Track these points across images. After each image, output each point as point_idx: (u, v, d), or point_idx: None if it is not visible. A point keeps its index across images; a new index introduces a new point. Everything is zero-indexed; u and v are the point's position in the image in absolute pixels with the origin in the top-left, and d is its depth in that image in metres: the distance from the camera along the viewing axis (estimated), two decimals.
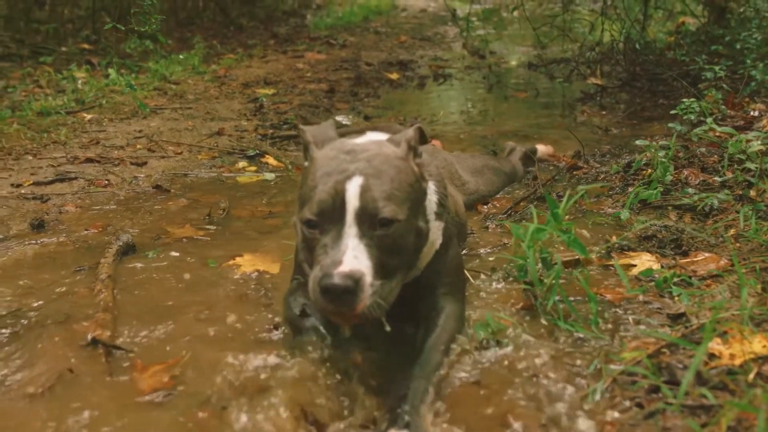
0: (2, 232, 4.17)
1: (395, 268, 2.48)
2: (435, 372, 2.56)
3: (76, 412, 2.38)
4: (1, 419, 2.38)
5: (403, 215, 2.46)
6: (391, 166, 2.54)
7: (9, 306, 3.22)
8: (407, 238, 2.52)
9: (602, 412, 2.30)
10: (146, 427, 2.31)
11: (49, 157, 5.67)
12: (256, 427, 2.22)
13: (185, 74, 9.17)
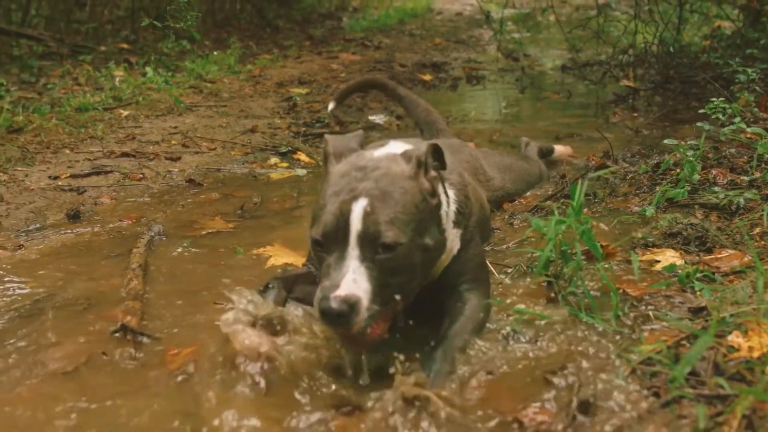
0: (39, 222, 4.29)
1: (400, 285, 2.54)
2: (458, 357, 2.62)
3: (102, 391, 2.47)
4: (32, 394, 2.47)
5: (406, 238, 2.50)
6: (398, 186, 2.57)
7: (43, 290, 3.33)
8: (411, 258, 2.56)
9: (619, 400, 2.34)
10: (172, 405, 2.39)
11: (85, 151, 5.79)
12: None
13: (221, 73, 9.29)
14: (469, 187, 3.20)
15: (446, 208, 2.88)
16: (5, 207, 4.50)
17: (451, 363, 2.57)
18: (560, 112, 7.49)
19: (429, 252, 2.66)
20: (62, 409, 2.37)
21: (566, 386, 2.45)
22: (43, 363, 2.69)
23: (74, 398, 2.43)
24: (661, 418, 2.22)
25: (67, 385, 2.53)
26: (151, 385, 2.53)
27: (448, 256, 2.96)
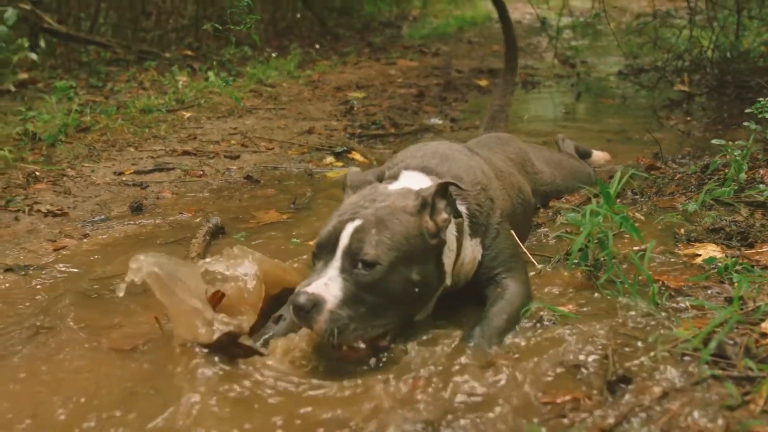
0: (104, 213, 4.51)
1: (378, 308, 2.66)
2: (496, 336, 2.77)
3: (156, 371, 2.63)
4: (90, 370, 2.64)
5: (386, 261, 2.64)
6: (395, 217, 2.74)
7: (105, 275, 3.52)
8: (390, 283, 2.67)
9: (650, 378, 2.43)
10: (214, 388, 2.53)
11: (149, 150, 6.03)
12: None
13: (280, 78, 9.50)
14: (489, 190, 3.29)
15: (464, 224, 3.05)
16: (72, 200, 4.74)
17: (488, 340, 2.72)
18: (614, 116, 7.53)
19: (414, 285, 2.74)
20: (115, 385, 2.53)
21: (600, 366, 2.55)
22: (102, 341, 2.87)
23: (127, 376, 2.60)
24: (691, 396, 2.30)
25: (122, 363, 2.70)
26: (199, 368, 2.62)
27: (474, 264, 3.14)
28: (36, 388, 2.53)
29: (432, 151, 3.33)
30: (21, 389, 2.54)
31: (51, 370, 2.65)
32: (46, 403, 2.43)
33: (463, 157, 3.33)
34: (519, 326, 2.90)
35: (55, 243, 4.03)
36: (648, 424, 2.20)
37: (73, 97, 7.02)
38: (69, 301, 3.22)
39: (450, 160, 3.26)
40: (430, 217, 2.82)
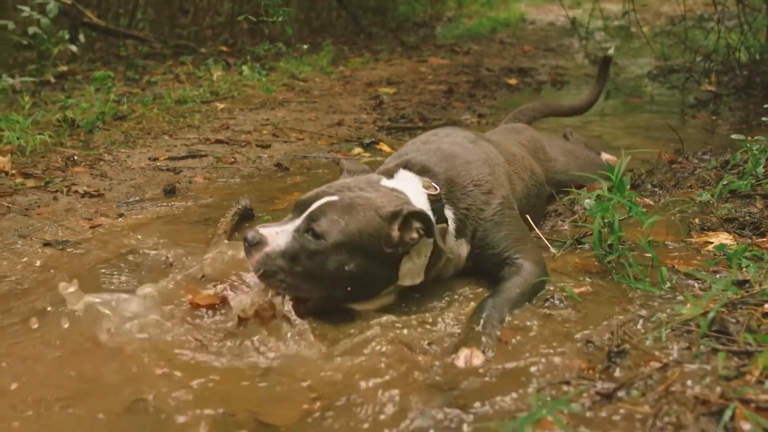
0: (139, 195, 4.69)
1: (309, 276, 2.86)
2: (508, 307, 2.95)
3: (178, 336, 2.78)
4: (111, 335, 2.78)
5: (331, 241, 2.82)
6: (364, 210, 2.91)
7: (137, 248, 3.70)
8: (327, 260, 2.84)
9: (652, 352, 2.55)
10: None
11: (183, 138, 6.22)
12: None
13: (313, 74, 9.68)
14: (487, 183, 3.38)
15: (449, 228, 3.23)
16: (108, 182, 4.93)
17: (500, 310, 2.87)
18: (640, 114, 7.61)
19: (349, 275, 2.88)
20: (131, 350, 2.68)
21: (605, 342, 2.68)
22: (126, 309, 3.02)
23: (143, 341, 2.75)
24: (690, 368, 2.42)
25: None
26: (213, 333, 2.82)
27: (460, 259, 3.35)
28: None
29: (436, 147, 3.46)
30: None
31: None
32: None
33: (464, 153, 3.44)
34: (530, 305, 3.03)
35: (92, 221, 4.21)
36: (646, 392, 2.32)
37: (111, 87, 7.22)
38: (101, 272, 3.42)
39: (450, 158, 3.38)
40: (399, 228, 2.94)
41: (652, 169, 5.04)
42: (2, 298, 3.20)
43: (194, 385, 2.45)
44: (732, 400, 2.16)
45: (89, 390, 2.45)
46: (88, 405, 2.36)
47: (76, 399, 2.40)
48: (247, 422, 2.27)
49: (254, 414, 2.31)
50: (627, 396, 2.32)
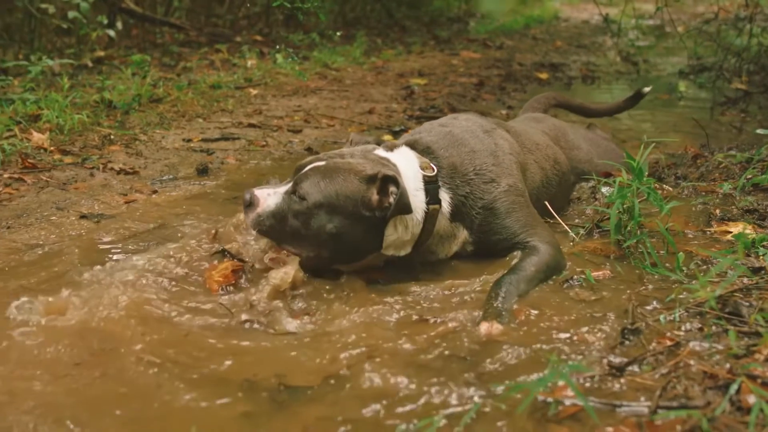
0: (173, 174, 4.83)
1: (300, 238, 3.10)
2: (525, 283, 3.07)
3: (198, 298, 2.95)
4: (132, 298, 2.90)
5: (311, 202, 3.04)
6: (345, 173, 3.09)
7: (167, 223, 3.84)
8: (310, 222, 3.06)
9: (665, 330, 2.63)
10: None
11: (216, 121, 6.35)
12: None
13: (346, 63, 9.79)
14: (490, 172, 3.46)
15: (443, 208, 3.33)
16: (143, 161, 5.07)
17: (517, 286, 2.99)
18: (669, 111, 7.65)
19: (329, 235, 3.08)
20: (149, 310, 2.84)
21: (619, 320, 2.76)
22: (149, 276, 3.15)
23: (163, 305, 2.90)
24: (701, 346, 2.50)
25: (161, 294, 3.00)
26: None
27: (458, 242, 3.48)
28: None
29: (447, 131, 3.56)
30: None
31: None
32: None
33: (472, 142, 3.52)
34: (548, 285, 3.13)
35: (126, 197, 4.35)
36: (656, 366, 2.40)
37: (147, 71, 7.37)
38: (129, 243, 3.57)
39: (457, 145, 3.47)
40: (378, 192, 3.08)
41: (675, 162, 5.09)
42: (35, 264, 3.36)
43: (223, 352, 2.58)
44: (739, 375, 2.24)
45: (114, 353, 2.58)
46: (114, 365, 2.49)
47: (101, 360, 2.53)
48: (272, 385, 2.38)
49: (279, 378, 2.41)
50: (638, 370, 2.40)
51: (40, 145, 5.07)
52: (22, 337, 2.61)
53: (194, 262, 3.25)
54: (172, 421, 2.18)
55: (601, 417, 2.15)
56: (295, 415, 2.22)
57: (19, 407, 2.21)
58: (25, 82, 6.57)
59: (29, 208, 4.09)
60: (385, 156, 3.29)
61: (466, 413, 2.16)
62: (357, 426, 2.16)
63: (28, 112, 5.64)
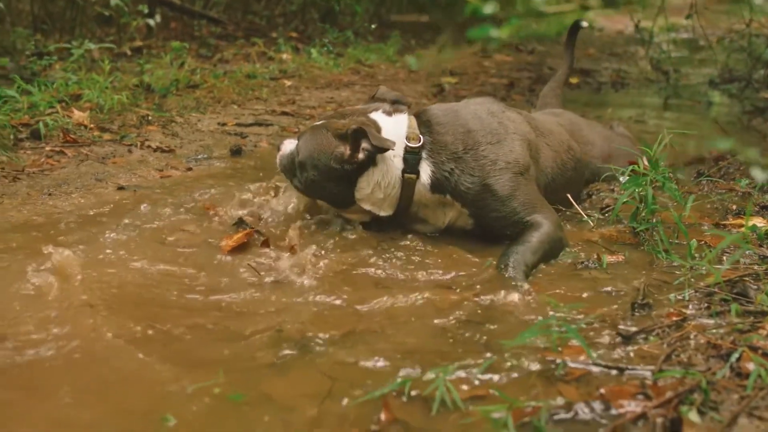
0: (207, 153, 4.99)
1: (302, 182, 3.59)
2: (530, 252, 3.24)
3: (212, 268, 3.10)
4: (152, 263, 3.09)
5: (300, 156, 3.51)
6: (325, 133, 3.47)
7: (198, 197, 4.00)
8: (300, 171, 3.55)
9: (673, 307, 2.75)
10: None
11: (250, 108, 6.53)
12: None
13: (379, 61, 9.94)
14: (485, 150, 3.55)
15: (421, 177, 3.49)
16: (179, 141, 5.25)
17: (524, 255, 3.17)
18: (695, 115, 7.72)
19: (314, 183, 3.53)
20: (163, 269, 3.02)
21: (630, 298, 2.88)
22: (168, 241, 3.38)
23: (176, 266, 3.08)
24: (706, 322, 2.62)
25: (175, 257, 3.20)
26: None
27: (447, 216, 3.63)
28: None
29: (455, 111, 3.67)
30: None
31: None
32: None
33: (472, 123, 3.60)
34: (561, 267, 3.25)
35: (162, 172, 4.52)
36: (664, 337, 2.52)
37: (185, 59, 7.56)
38: (164, 215, 3.71)
39: (456, 124, 3.57)
40: (350, 148, 3.37)
41: (695, 161, 5.20)
42: (79, 224, 3.56)
43: (250, 306, 2.74)
44: (741, 346, 2.35)
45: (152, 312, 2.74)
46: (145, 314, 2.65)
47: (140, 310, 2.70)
48: (294, 336, 2.53)
49: (302, 330, 2.56)
50: (645, 340, 2.52)
51: (80, 122, 5.25)
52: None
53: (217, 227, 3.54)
54: (203, 366, 2.33)
55: (607, 379, 2.27)
56: (316, 361, 2.37)
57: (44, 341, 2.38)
58: (67, 65, 6.76)
59: (69, 178, 4.27)
60: (374, 119, 3.50)
61: (478, 366, 2.30)
62: (373, 372, 2.30)
63: (70, 92, 5.83)
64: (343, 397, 2.14)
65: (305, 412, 2.08)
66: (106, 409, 2.09)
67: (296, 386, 2.24)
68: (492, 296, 2.85)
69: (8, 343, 2.38)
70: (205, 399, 2.13)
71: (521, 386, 2.23)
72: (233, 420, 2.05)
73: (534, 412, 2.04)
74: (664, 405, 2.07)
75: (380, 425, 2.00)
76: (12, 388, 2.18)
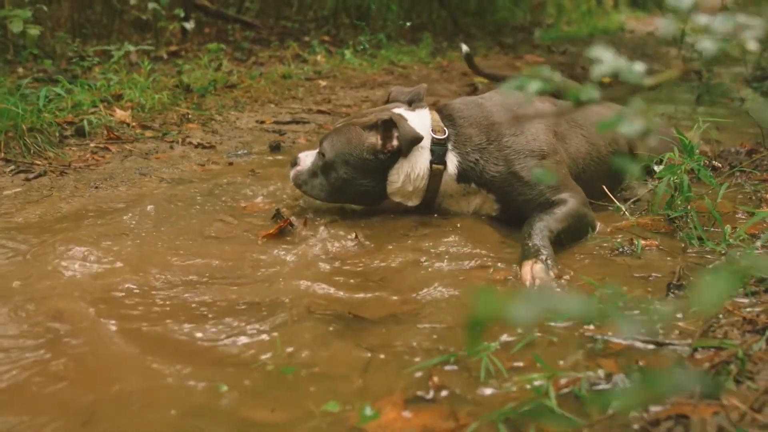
0: (247, 149, 5.10)
1: (328, 188, 3.63)
2: (554, 223, 3.31)
3: (247, 253, 3.20)
4: (189, 251, 3.19)
5: (329, 156, 3.55)
6: (353, 129, 3.55)
7: (237, 186, 4.12)
8: (331, 173, 3.57)
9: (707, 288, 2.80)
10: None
11: (287, 107, 6.65)
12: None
13: (412, 62, 10.04)
14: (502, 140, 3.60)
15: (448, 167, 3.58)
16: (219, 138, 5.37)
17: (548, 226, 3.27)
18: (726, 111, 7.74)
19: (344, 182, 3.57)
20: (200, 261, 3.10)
21: (666, 280, 2.93)
22: (203, 231, 3.48)
23: (211, 256, 3.16)
24: (742, 301, 2.67)
25: (209, 247, 3.29)
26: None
27: (473, 202, 3.70)
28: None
29: (479, 104, 3.73)
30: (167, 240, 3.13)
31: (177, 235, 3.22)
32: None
33: (494, 114, 3.65)
34: (595, 251, 3.30)
35: (203, 166, 4.63)
36: (699, 316, 2.58)
37: (222, 61, 7.70)
38: (202, 202, 3.87)
39: (480, 116, 3.63)
40: (381, 138, 3.47)
41: (727, 153, 5.23)
42: (123, 209, 3.68)
43: (301, 288, 2.84)
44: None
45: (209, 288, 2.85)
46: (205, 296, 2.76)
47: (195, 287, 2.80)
48: (343, 315, 2.62)
49: (350, 310, 2.65)
50: (682, 318, 2.58)
51: (122, 120, 5.39)
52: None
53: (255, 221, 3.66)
54: (255, 338, 2.43)
55: (645, 354, 2.33)
56: (359, 337, 2.45)
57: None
58: (107, 66, 6.91)
59: (114, 172, 4.39)
60: (398, 112, 3.56)
61: (518, 343, 2.37)
62: (414, 348, 2.38)
63: (112, 92, 5.97)
64: (387, 369, 2.23)
65: (352, 383, 2.16)
66: (168, 377, 2.19)
67: (340, 360, 2.32)
68: (519, 268, 2.98)
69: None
70: (256, 372, 2.22)
71: (561, 359, 2.29)
72: (283, 390, 2.13)
73: (574, 382, 2.11)
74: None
75: (426, 391, 2.08)
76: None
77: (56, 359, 2.24)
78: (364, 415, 1.92)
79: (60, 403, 2.03)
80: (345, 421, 1.95)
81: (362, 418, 1.92)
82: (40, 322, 2.44)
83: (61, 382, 2.13)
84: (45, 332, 2.39)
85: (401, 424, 1.91)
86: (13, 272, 2.84)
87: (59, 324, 2.43)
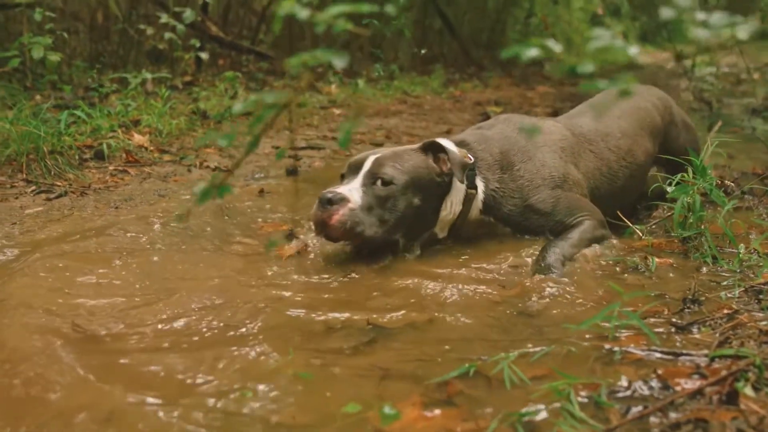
0: (264, 173, 5.16)
1: (392, 221, 3.30)
2: (570, 245, 3.36)
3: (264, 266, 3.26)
4: (203, 264, 3.25)
5: (400, 182, 3.28)
6: (406, 153, 3.40)
7: (256, 210, 4.18)
8: (399, 202, 3.29)
9: (723, 303, 2.83)
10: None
11: (303, 134, 6.74)
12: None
13: (424, 92, 10.14)
14: (520, 169, 3.64)
15: (477, 197, 3.58)
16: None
17: (562, 248, 3.31)
18: (737, 139, 7.76)
19: (416, 209, 3.35)
20: (222, 275, 3.16)
21: (681, 296, 2.96)
22: (229, 250, 3.53)
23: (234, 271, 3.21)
24: (757, 315, 2.70)
25: (233, 262, 3.33)
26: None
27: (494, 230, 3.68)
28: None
29: (485, 134, 3.77)
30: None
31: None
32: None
33: (503, 143, 3.70)
34: (608, 270, 3.32)
35: None
36: (716, 327, 2.61)
37: (237, 89, 7.79)
38: (220, 222, 3.93)
39: (490, 147, 3.67)
40: (434, 160, 3.42)
41: (739, 177, 5.27)
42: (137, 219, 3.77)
43: (324, 301, 2.89)
44: None
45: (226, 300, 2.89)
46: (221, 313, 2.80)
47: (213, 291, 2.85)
48: (360, 324, 2.65)
49: (368, 319, 2.69)
50: (698, 330, 2.61)
51: (141, 144, 5.47)
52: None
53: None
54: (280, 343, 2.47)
55: (663, 363, 2.36)
56: (378, 346, 2.49)
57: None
58: (124, 94, 6.99)
59: (134, 194, 4.45)
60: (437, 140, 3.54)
61: (537, 353, 2.39)
62: (429, 362, 2.40)
63: (129, 118, 6.05)
64: (406, 379, 2.26)
65: (371, 388, 2.18)
66: (200, 383, 2.22)
67: (360, 367, 2.35)
68: (537, 291, 2.98)
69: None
70: (279, 377, 2.25)
71: (581, 369, 2.32)
72: (301, 394, 2.17)
73: (594, 388, 2.13)
74: (720, 382, 2.15)
75: (445, 396, 2.11)
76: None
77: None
78: (385, 414, 1.95)
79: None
80: (366, 422, 1.97)
81: (384, 418, 1.95)
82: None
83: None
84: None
85: (423, 424, 1.94)
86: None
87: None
